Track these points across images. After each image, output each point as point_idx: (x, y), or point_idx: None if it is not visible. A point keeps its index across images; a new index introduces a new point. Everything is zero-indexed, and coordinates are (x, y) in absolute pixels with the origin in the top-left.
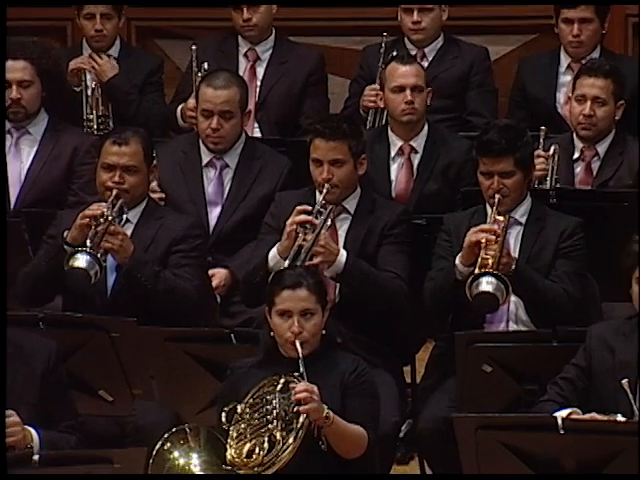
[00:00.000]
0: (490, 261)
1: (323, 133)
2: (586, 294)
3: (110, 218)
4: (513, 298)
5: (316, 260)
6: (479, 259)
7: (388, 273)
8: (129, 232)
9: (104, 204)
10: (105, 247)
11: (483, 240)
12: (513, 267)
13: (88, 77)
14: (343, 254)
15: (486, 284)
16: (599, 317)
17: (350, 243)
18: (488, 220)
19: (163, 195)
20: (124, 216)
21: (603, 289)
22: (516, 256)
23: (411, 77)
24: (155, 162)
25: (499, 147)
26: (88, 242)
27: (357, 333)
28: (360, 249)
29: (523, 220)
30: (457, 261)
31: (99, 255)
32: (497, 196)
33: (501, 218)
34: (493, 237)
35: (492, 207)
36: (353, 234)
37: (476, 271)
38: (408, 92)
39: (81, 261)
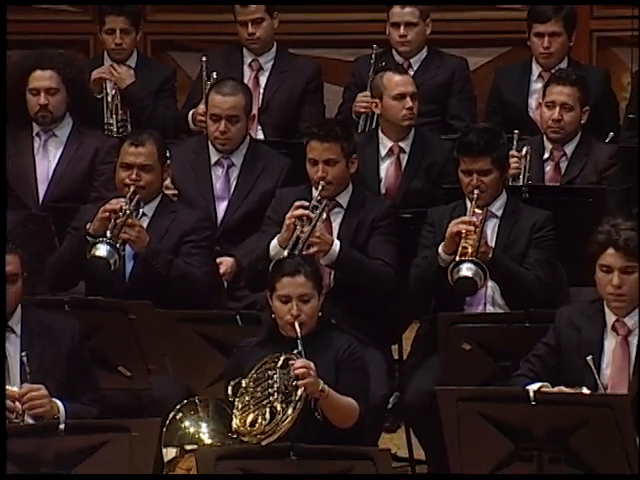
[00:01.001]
0: (469, 250)
1: (318, 135)
2: (555, 280)
3: (128, 212)
4: (490, 283)
5: (312, 250)
6: (459, 248)
7: (378, 261)
8: (145, 224)
9: (123, 199)
10: (123, 238)
11: (463, 230)
12: (490, 255)
13: (108, 85)
14: (337, 244)
15: (466, 270)
16: (567, 300)
17: (343, 234)
18: (467, 213)
19: (176, 191)
20: (140, 210)
21: (571, 275)
22: (493, 245)
23: (410, 86)
24: (169, 162)
25: (478, 148)
26: (108, 233)
27: (350, 315)
28: (352, 239)
29: (499, 213)
30: (440, 250)
31: (118, 245)
32: (476, 192)
33: (479, 211)
34: (472, 228)
35: (471, 201)
36: (346, 226)
37: (457, 259)
38: (408, 99)
39: (102, 251)
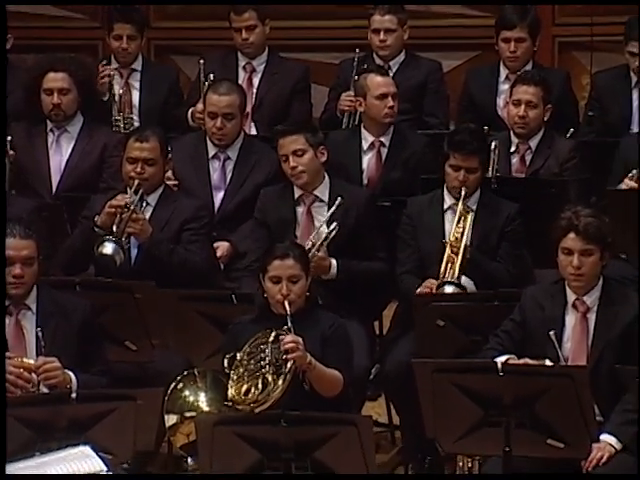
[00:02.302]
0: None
1: (282, 132)
2: (522, 268)
3: (132, 207)
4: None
5: (130, 230)
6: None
7: (374, 261)
8: (149, 213)
9: (127, 195)
10: (128, 232)
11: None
12: (468, 256)
13: (116, 86)
14: (334, 266)
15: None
16: (532, 282)
17: (329, 226)
18: (445, 206)
19: (176, 182)
20: (144, 203)
21: (536, 258)
22: (468, 241)
23: (391, 86)
24: (170, 156)
25: (471, 147)
26: (114, 228)
27: (335, 295)
28: (341, 229)
29: (474, 207)
30: None
31: (123, 239)
32: (464, 190)
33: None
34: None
35: (454, 197)
36: (331, 219)
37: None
38: (390, 99)
39: (108, 249)
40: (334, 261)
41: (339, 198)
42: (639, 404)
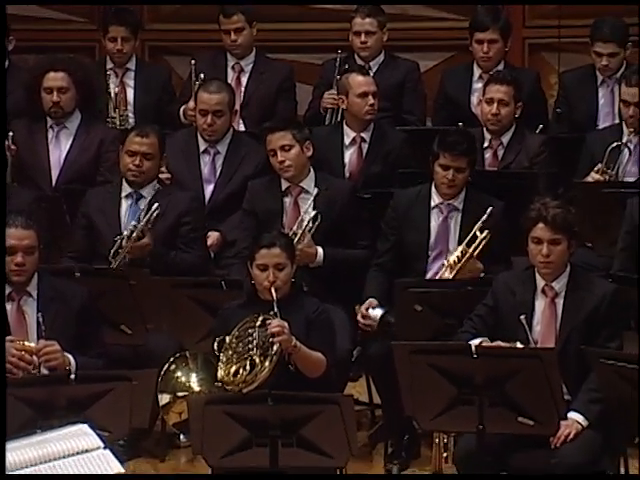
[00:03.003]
0: None
1: (270, 129)
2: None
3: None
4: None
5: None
6: None
7: (358, 249)
8: (144, 205)
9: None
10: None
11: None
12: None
13: (111, 85)
14: (320, 254)
15: None
16: (507, 268)
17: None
18: (432, 204)
19: (169, 175)
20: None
21: (510, 246)
22: (456, 239)
23: (372, 85)
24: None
25: (461, 148)
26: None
27: (319, 281)
28: (326, 219)
29: (461, 207)
30: None
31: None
32: (445, 209)
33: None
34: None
35: (441, 195)
36: (317, 208)
37: None
38: (370, 97)
39: None
40: (320, 249)
41: (316, 189)
42: (602, 384)
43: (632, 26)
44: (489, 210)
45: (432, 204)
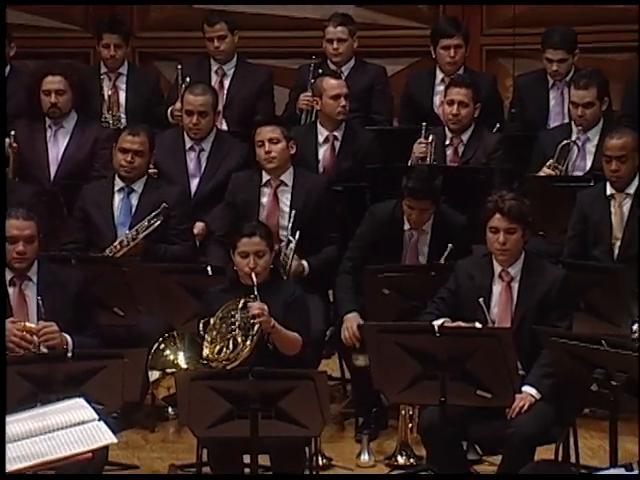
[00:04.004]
0: None
1: (263, 122)
2: None
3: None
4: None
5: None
6: None
7: (328, 248)
8: (135, 199)
9: None
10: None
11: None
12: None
13: (105, 88)
14: (307, 267)
15: None
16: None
17: (295, 207)
18: (405, 228)
19: (156, 170)
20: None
21: (469, 235)
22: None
23: (344, 88)
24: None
25: (422, 194)
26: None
27: None
28: (302, 212)
29: (429, 230)
30: None
31: None
32: (415, 233)
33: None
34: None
35: (409, 224)
36: (295, 201)
37: None
38: (342, 99)
39: None
40: (306, 264)
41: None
42: (553, 360)
43: (580, 34)
44: (449, 247)
45: (405, 228)
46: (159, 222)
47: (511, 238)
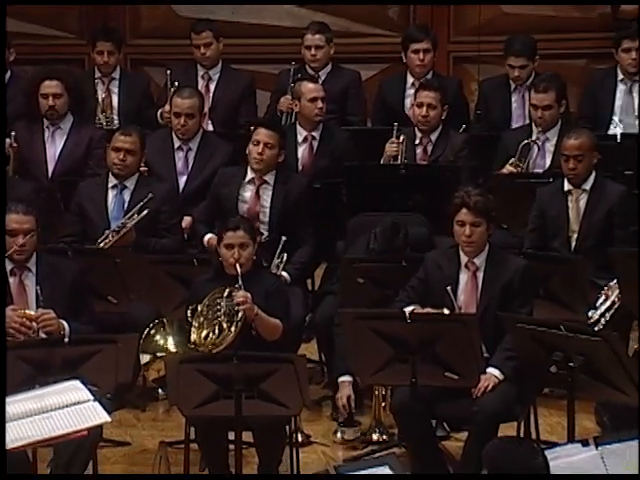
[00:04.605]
0: None
1: (266, 124)
2: None
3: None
4: None
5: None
6: None
7: (304, 247)
8: (127, 195)
9: None
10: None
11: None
12: None
13: (99, 92)
14: (288, 278)
15: None
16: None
17: (275, 205)
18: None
19: (147, 169)
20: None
21: (436, 228)
22: None
23: (320, 92)
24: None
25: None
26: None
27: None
28: (281, 210)
29: None
30: None
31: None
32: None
33: None
34: None
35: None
36: (276, 199)
37: None
38: (319, 102)
39: None
40: (287, 275)
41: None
42: (516, 344)
43: (540, 42)
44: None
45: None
46: (145, 212)
47: (476, 231)
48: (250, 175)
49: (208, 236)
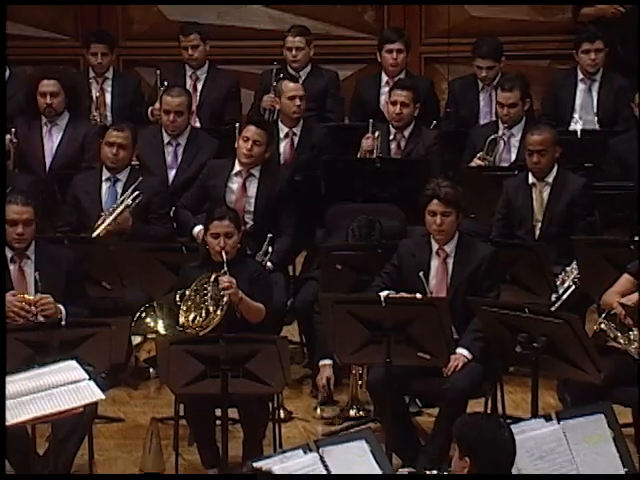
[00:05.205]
0: None
1: (257, 122)
2: None
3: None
4: None
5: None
6: None
7: (284, 237)
8: (120, 187)
9: None
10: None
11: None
12: None
13: (93, 90)
14: (271, 266)
15: None
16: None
17: (260, 197)
18: None
19: (138, 162)
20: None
21: (409, 217)
22: None
23: (300, 91)
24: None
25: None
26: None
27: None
28: (266, 202)
29: None
30: None
31: None
32: None
33: None
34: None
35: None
36: (261, 191)
37: None
38: (297, 100)
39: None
40: (270, 265)
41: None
42: (483, 326)
43: (505, 44)
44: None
45: None
46: (137, 193)
47: (447, 220)
48: (237, 168)
49: (197, 228)
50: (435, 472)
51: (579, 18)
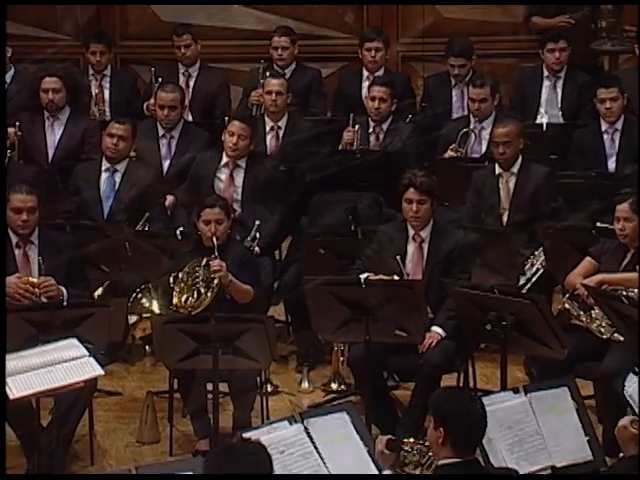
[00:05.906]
0: None
1: (241, 118)
2: None
3: None
4: None
5: None
6: None
7: (272, 225)
8: (118, 177)
9: None
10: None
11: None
12: None
13: (92, 87)
14: (258, 251)
15: None
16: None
17: (246, 186)
18: None
19: (134, 153)
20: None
21: (387, 205)
22: None
23: (277, 86)
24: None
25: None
26: None
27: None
28: (252, 190)
29: None
30: None
31: None
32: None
33: None
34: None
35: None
36: (247, 181)
37: None
38: (273, 95)
39: None
40: (258, 249)
41: None
42: (456, 306)
43: (476, 44)
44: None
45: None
46: None
47: (422, 208)
48: (225, 159)
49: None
50: (412, 440)
51: (531, 27)
